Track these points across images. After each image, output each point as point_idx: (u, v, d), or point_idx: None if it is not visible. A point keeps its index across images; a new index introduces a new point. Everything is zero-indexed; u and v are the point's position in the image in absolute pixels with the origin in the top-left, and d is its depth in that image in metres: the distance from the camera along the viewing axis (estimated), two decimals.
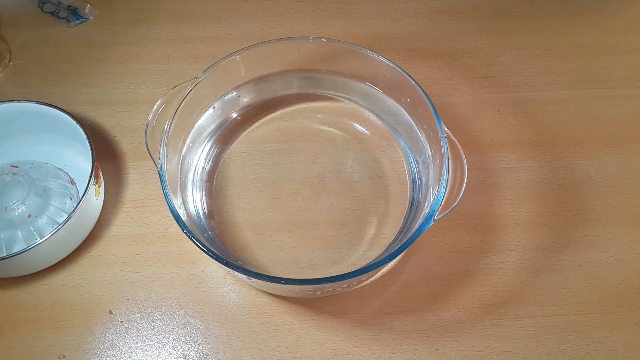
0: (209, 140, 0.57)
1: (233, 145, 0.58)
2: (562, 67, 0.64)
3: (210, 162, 0.56)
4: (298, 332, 0.49)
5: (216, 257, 0.43)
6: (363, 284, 0.50)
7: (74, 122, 0.52)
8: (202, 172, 0.56)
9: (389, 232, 0.52)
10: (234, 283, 0.51)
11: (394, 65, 0.52)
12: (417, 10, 0.69)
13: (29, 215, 0.50)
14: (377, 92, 0.57)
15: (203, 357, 0.48)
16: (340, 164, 0.56)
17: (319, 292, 0.47)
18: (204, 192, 0.55)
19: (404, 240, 0.43)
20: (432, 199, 0.47)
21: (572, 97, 0.62)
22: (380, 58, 0.52)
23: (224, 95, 0.57)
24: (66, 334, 0.48)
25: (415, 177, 0.55)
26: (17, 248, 0.50)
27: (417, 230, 0.44)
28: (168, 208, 0.45)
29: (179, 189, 0.51)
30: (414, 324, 0.49)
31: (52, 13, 0.67)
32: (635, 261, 0.52)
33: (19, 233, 0.50)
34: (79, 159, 0.56)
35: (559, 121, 0.60)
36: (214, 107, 0.56)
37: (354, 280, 0.45)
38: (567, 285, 0.51)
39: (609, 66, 0.64)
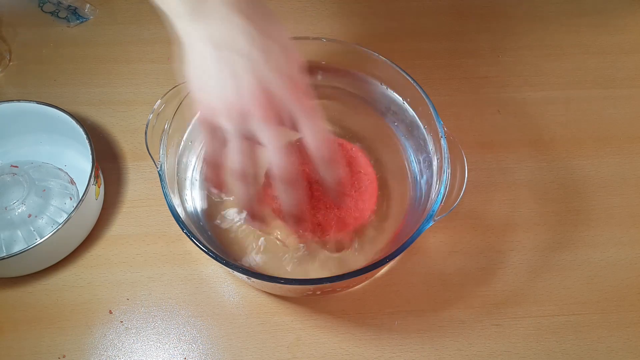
0: None
1: None
2: (562, 67, 0.64)
3: None
4: (298, 332, 0.49)
5: (216, 257, 0.43)
6: (363, 284, 0.50)
7: (74, 122, 0.52)
8: (201, 172, 0.56)
9: (389, 232, 0.52)
10: (234, 283, 0.51)
11: (394, 65, 0.52)
12: (417, 10, 0.69)
13: (29, 215, 0.50)
14: (377, 91, 0.57)
15: (203, 357, 0.48)
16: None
17: (319, 292, 0.47)
18: (203, 192, 0.55)
19: (404, 240, 0.43)
20: (432, 199, 0.47)
21: (572, 97, 0.62)
22: (381, 58, 0.52)
23: None
24: (66, 334, 0.48)
25: (416, 177, 0.55)
26: (17, 248, 0.50)
27: (417, 230, 0.44)
28: (168, 208, 0.45)
29: (178, 189, 0.51)
30: (414, 324, 0.49)
31: (52, 13, 0.67)
32: (635, 261, 0.52)
33: (19, 233, 0.50)
34: (79, 159, 0.56)
35: (559, 121, 0.60)
36: None
37: (354, 280, 0.45)
38: (567, 285, 0.51)
39: (609, 66, 0.64)
